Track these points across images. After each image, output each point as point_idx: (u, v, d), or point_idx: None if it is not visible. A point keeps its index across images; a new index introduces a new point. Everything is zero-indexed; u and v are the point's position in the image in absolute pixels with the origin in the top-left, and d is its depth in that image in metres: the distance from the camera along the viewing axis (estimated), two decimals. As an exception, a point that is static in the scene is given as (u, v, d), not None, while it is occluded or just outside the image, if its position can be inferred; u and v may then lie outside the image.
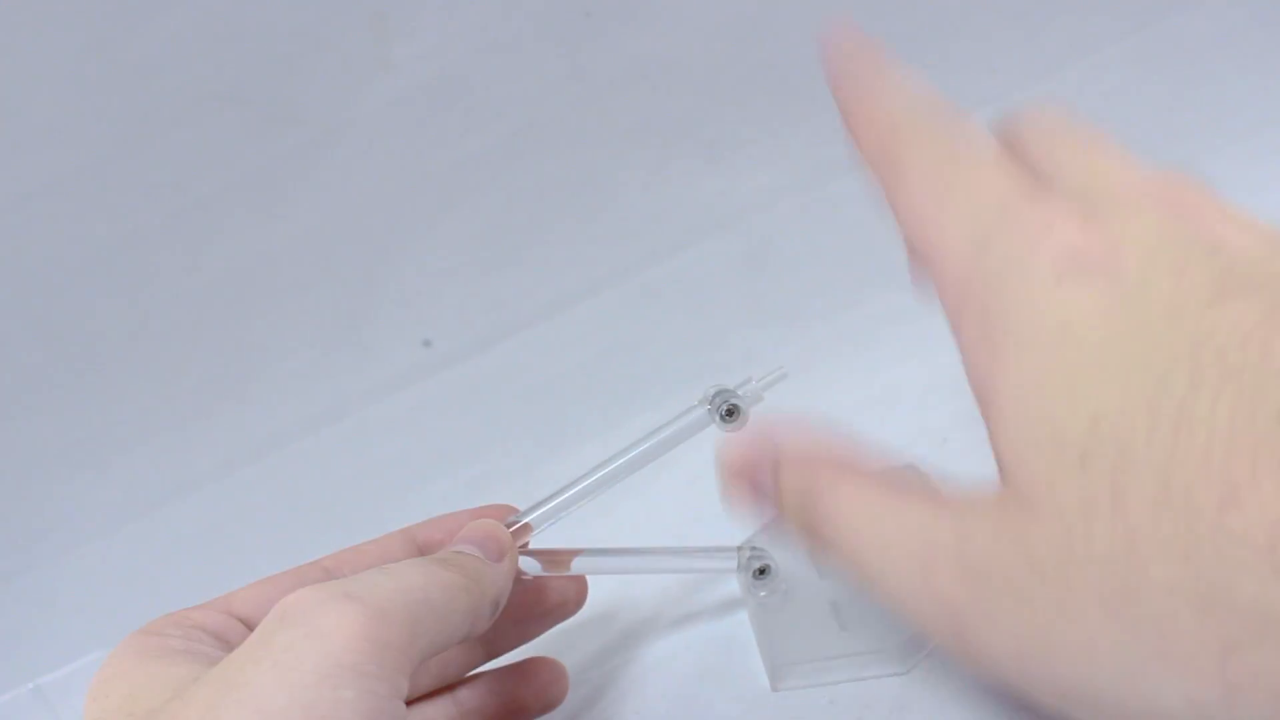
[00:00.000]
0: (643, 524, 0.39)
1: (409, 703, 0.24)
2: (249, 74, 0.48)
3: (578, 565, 0.30)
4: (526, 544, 0.29)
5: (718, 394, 0.29)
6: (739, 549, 0.32)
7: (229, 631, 0.26)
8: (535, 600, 0.30)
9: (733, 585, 0.34)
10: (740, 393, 0.29)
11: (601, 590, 0.32)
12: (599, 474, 0.29)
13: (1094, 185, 0.22)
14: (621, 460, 0.29)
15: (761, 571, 0.31)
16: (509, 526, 0.28)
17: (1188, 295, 0.19)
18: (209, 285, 0.51)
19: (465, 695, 0.30)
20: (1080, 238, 0.21)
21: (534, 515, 0.29)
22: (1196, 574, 0.17)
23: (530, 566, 0.29)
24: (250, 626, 0.26)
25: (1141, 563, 0.18)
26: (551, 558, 0.29)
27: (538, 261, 0.52)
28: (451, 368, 0.51)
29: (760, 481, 0.25)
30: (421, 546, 0.30)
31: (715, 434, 0.29)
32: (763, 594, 0.32)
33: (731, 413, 0.29)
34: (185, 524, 0.48)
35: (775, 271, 0.50)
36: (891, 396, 0.41)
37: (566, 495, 0.29)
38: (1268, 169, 0.44)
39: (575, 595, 0.31)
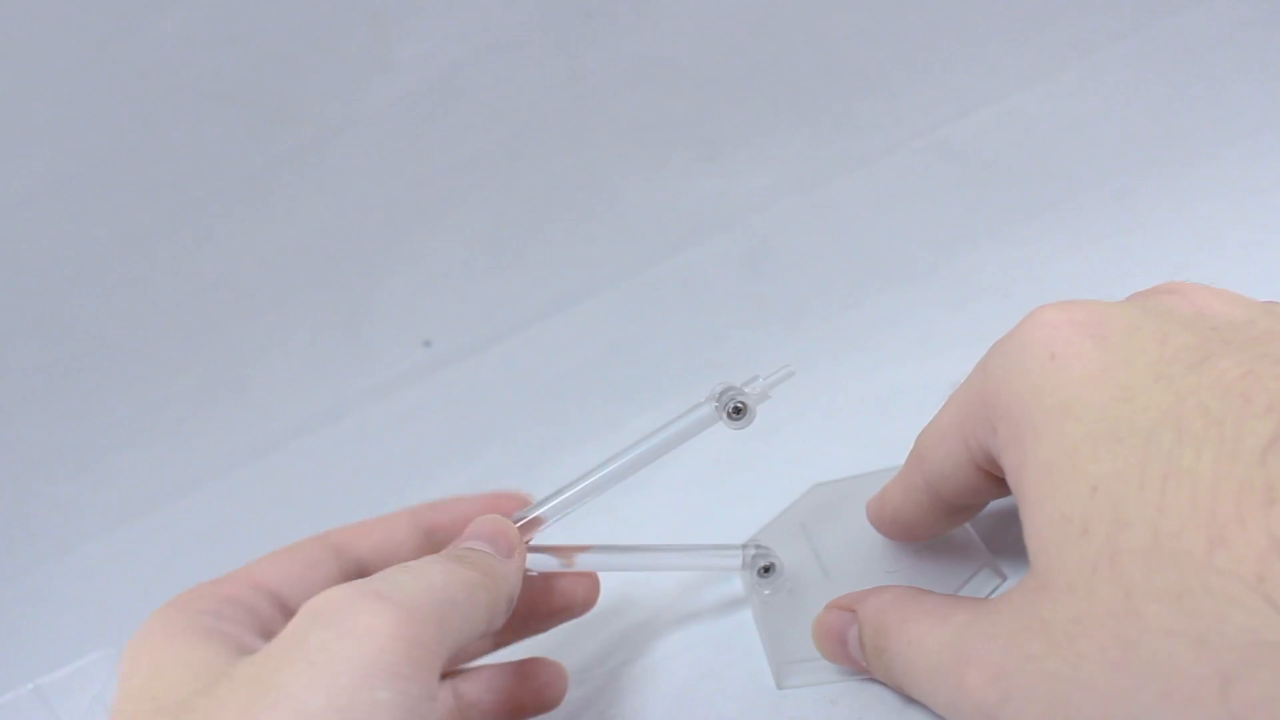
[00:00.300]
0: (643, 522, 0.39)
1: None
2: (249, 74, 0.48)
3: (583, 562, 0.30)
4: (530, 540, 0.29)
5: (724, 392, 0.29)
6: (743, 547, 0.32)
7: (257, 604, 0.26)
8: (543, 597, 0.30)
9: (734, 584, 0.34)
10: (747, 390, 0.29)
11: (602, 589, 0.32)
12: (606, 470, 0.29)
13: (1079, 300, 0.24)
14: (629, 457, 0.29)
15: (766, 570, 0.31)
16: (516, 522, 0.28)
17: (1172, 360, 0.20)
18: (208, 285, 0.51)
19: (465, 688, 0.30)
20: (1064, 315, 0.23)
21: (541, 510, 0.29)
22: (1190, 613, 0.18)
23: (537, 564, 0.29)
24: (276, 598, 0.27)
25: (1138, 612, 0.18)
26: (558, 554, 0.29)
27: (538, 261, 0.52)
28: (451, 368, 0.51)
29: (849, 642, 0.27)
30: (427, 530, 0.30)
31: (722, 432, 0.29)
32: (767, 592, 0.32)
33: (739, 411, 0.29)
34: (185, 524, 0.48)
35: (775, 271, 0.50)
36: (891, 396, 0.41)
37: (573, 491, 0.29)
38: (1268, 169, 0.44)
39: (585, 594, 0.31)
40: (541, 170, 0.51)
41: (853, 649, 0.27)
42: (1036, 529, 0.21)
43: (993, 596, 0.29)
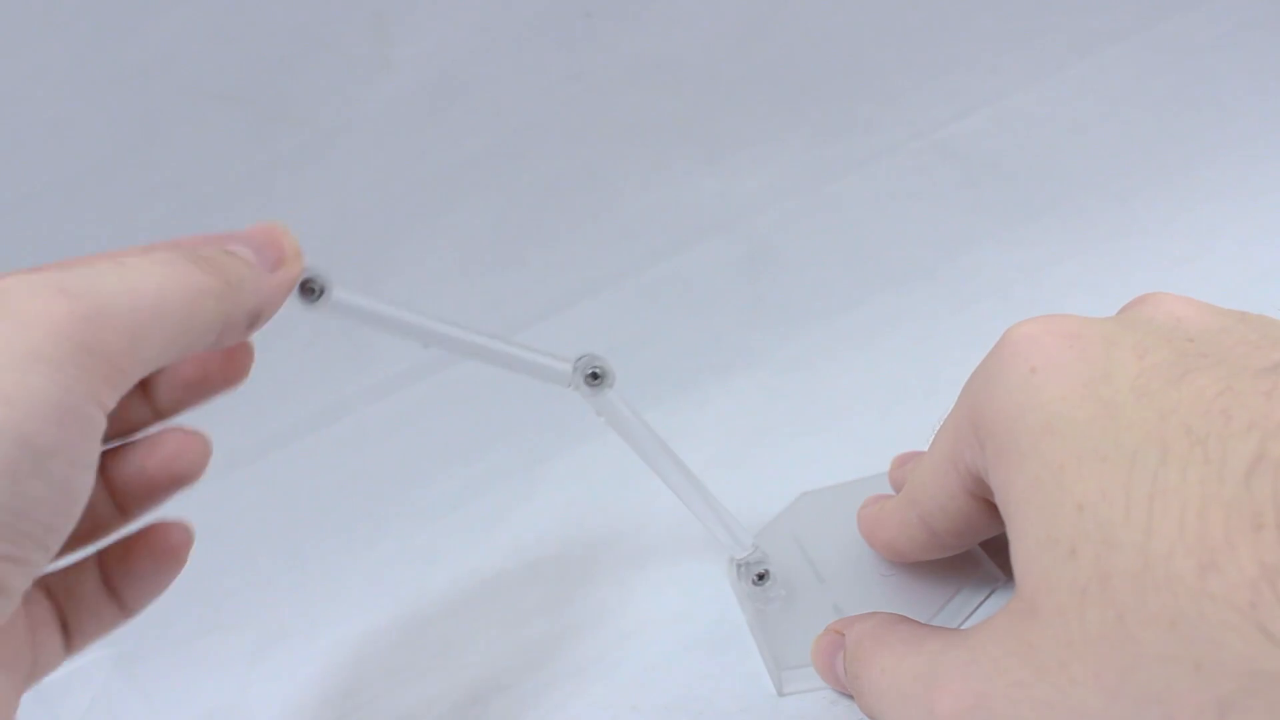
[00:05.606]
0: (639, 520, 0.39)
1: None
2: (249, 74, 0.48)
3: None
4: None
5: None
6: (738, 564, 0.31)
7: None
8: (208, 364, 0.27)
9: (731, 586, 0.34)
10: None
11: (598, 591, 0.32)
12: (432, 324, 0.27)
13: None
14: (464, 335, 0.27)
15: (760, 577, 0.31)
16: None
17: (1152, 374, 0.21)
18: (209, 285, 0.51)
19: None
20: (1041, 328, 0.23)
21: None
22: (1186, 640, 0.17)
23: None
24: None
25: (1132, 637, 0.18)
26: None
27: (538, 261, 0.52)
28: (451, 368, 0.51)
29: (836, 667, 0.28)
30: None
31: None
32: (762, 602, 0.32)
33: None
34: (185, 524, 0.48)
35: (775, 272, 0.50)
36: (891, 396, 0.41)
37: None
38: (1267, 172, 0.44)
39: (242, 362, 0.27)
40: (541, 170, 0.51)
41: (839, 673, 0.28)
42: (1024, 549, 0.21)
43: (988, 601, 0.29)
